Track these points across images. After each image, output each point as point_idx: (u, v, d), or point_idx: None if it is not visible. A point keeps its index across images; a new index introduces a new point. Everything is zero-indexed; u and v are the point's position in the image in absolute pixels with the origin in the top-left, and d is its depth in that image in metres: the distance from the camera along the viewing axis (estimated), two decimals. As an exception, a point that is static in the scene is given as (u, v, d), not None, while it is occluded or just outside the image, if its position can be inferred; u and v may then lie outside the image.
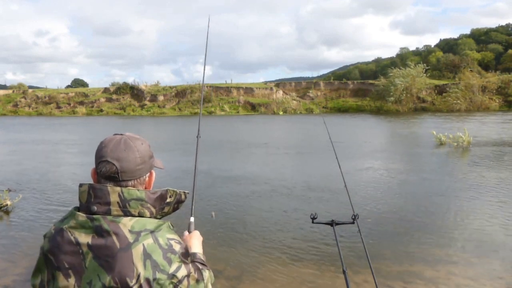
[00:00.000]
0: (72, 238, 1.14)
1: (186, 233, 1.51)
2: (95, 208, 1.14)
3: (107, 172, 1.18)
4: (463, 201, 7.27)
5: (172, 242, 1.15)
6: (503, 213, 6.44)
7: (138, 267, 1.08)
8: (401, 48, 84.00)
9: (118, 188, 1.16)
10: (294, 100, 43.52)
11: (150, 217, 1.18)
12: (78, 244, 1.13)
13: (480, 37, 73.73)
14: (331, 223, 2.37)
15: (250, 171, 10.48)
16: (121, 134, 1.26)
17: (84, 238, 1.12)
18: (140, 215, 1.16)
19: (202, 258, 1.34)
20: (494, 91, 38.29)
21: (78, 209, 1.19)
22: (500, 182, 8.64)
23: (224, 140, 17.85)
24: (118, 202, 1.15)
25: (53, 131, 24.69)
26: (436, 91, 40.43)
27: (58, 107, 45.95)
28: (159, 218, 1.23)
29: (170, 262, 1.11)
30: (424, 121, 26.70)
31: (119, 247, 1.09)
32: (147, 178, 1.26)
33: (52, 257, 1.16)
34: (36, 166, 11.88)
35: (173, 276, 1.11)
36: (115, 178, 1.18)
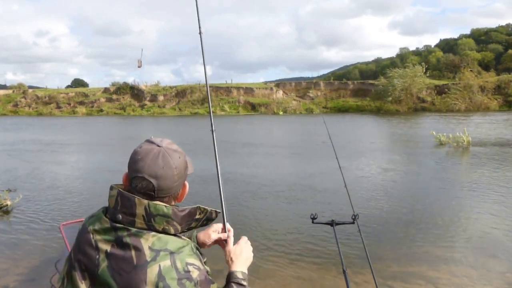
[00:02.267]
0: (93, 241, 1.13)
1: (229, 246, 1.39)
2: (120, 216, 1.12)
3: (143, 189, 1.14)
4: (463, 201, 7.27)
5: (191, 267, 1.09)
6: (504, 213, 6.44)
7: (150, 287, 1.04)
8: (401, 48, 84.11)
9: (146, 202, 1.12)
10: (294, 100, 43.53)
11: (174, 234, 1.15)
12: (97, 248, 1.11)
13: (480, 37, 73.79)
14: (331, 223, 2.37)
15: (249, 171, 10.48)
16: (158, 146, 1.17)
17: (104, 245, 1.11)
18: (164, 231, 1.13)
19: (242, 278, 1.26)
20: (494, 91, 38.30)
21: (106, 210, 1.18)
22: (500, 182, 8.64)
23: (224, 140, 17.85)
24: (143, 216, 1.11)
25: (53, 131, 24.69)
26: (436, 91, 40.44)
27: (58, 107, 45.95)
28: (185, 232, 1.21)
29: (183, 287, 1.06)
30: (424, 121, 26.70)
31: (136, 264, 1.07)
32: (180, 191, 1.22)
33: (73, 254, 1.16)
34: (36, 166, 11.88)
35: None
36: (151, 195, 1.14)
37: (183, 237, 1.18)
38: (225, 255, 1.35)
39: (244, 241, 1.40)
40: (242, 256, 1.35)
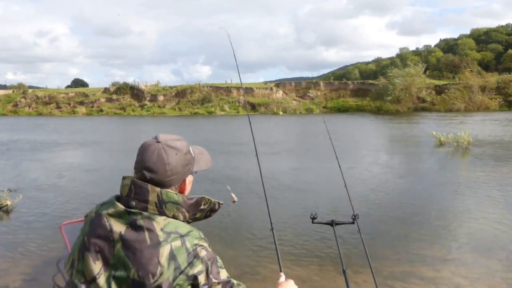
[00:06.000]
0: (107, 224, 1.19)
1: (281, 279, 1.51)
2: (133, 203, 1.19)
3: (139, 178, 1.23)
4: (463, 201, 7.27)
5: (199, 248, 1.18)
6: (504, 213, 6.44)
7: (162, 266, 1.12)
8: (401, 48, 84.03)
9: (158, 189, 1.20)
10: (294, 100, 43.52)
11: (183, 221, 1.23)
12: (111, 231, 1.18)
13: (480, 37, 73.71)
14: (331, 223, 2.38)
15: (248, 171, 10.47)
16: (157, 142, 1.27)
17: (118, 227, 1.18)
18: (174, 217, 1.21)
19: None
20: (494, 91, 38.28)
21: (118, 198, 1.24)
22: (500, 181, 8.64)
23: (224, 141, 17.85)
24: (155, 202, 1.19)
25: (54, 131, 24.68)
26: (436, 91, 40.45)
27: (58, 107, 45.93)
28: (190, 223, 1.27)
29: (192, 266, 1.14)
30: (424, 121, 26.70)
31: (149, 244, 1.14)
32: (179, 185, 1.29)
33: (86, 238, 1.21)
34: (37, 166, 11.88)
35: (193, 278, 1.14)
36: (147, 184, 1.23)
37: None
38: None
39: (292, 284, 1.48)
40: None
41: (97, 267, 1.16)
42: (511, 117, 27.01)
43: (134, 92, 46.87)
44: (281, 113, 40.27)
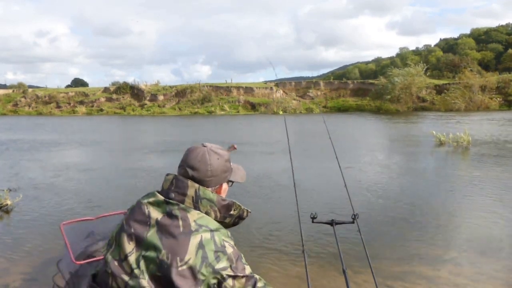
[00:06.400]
0: (146, 210, 1.32)
1: None
2: (172, 195, 1.33)
3: (182, 175, 1.37)
4: (463, 201, 7.27)
5: (226, 244, 1.27)
6: (504, 213, 6.44)
7: (190, 253, 1.22)
8: (401, 48, 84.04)
9: (197, 185, 1.34)
10: (294, 99, 43.52)
11: (214, 220, 1.34)
12: (149, 216, 1.30)
13: (480, 36, 73.69)
14: (331, 223, 2.38)
15: (248, 170, 10.47)
16: (204, 146, 1.43)
17: (156, 214, 1.30)
18: (207, 214, 1.33)
19: None
20: (494, 91, 38.27)
21: (159, 191, 1.38)
22: (500, 181, 8.64)
23: (224, 141, 17.85)
24: (193, 197, 1.32)
25: (53, 130, 24.68)
26: (436, 90, 40.44)
27: (58, 107, 45.90)
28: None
29: (218, 260, 1.23)
30: (424, 121, 26.69)
31: (182, 231, 1.25)
32: (215, 188, 1.42)
33: (125, 222, 1.34)
34: (37, 165, 11.88)
35: (218, 272, 1.22)
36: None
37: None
38: None
39: None
40: None
41: (130, 246, 1.27)
42: (511, 117, 27.00)
43: (134, 91, 46.86)
44: (281, 112, 40.26)
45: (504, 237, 5.43)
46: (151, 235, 1.26)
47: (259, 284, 1.32)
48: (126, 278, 1.24)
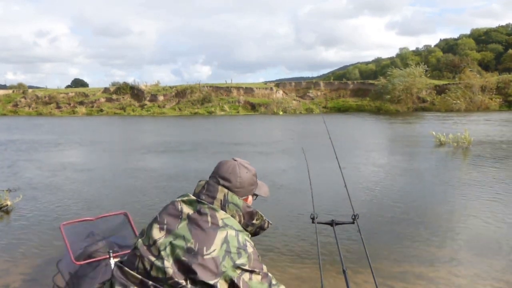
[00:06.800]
0: (179, 206, 1.46)
1: None
2: (203, 197, 1.47)
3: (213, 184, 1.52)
4: (463, 201, 7.27)
5: (248, 244, 1.40)
6: (504, 213, 6.44)
7: (216, 245, 1.33)
8: (401, 48, 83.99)
9: (226, 190, 1.48)
10: (294, 100, 43.51)
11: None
12: (181, 211, 1.44)
13: (480, 37, 73.74)
14: (331, 223, 2.37)
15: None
16: (235, 160, 1.60)
17: (187, 210, 1.44)
18: (232, 217, 1.45)
19: None
20: (494, 91, 38.27)
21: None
22: (500, 181, 8.64)
23: (224, 141, 17.85)
24: (221, 200, 1.46)
25: (53, 131, 24.68)
26: (436, 91, 40.44)
27: (58, 107, 45.88)
28: None
29: (239, 256, 1.34)
30: (424, 121, 26.69)
31: (210, 225, 1.38)
32: (244, 199, 1.57)
33: (158, 214, 1.48)
34: (37, 166, 11.88)
35: (237, 267, 1.33)
36: None
37: None
38: None
39: None
40: None
41: (160, 234, 1.39)
42: (511, 117, 27.00)
43: (134, 92, 46.84)
44: (281, 113, 40.26)
45: (504, 237, 5.43)
46: (182, 226, 1.39)
47: (274, 282, 1.41)
48: (152, 258, 1.35)
